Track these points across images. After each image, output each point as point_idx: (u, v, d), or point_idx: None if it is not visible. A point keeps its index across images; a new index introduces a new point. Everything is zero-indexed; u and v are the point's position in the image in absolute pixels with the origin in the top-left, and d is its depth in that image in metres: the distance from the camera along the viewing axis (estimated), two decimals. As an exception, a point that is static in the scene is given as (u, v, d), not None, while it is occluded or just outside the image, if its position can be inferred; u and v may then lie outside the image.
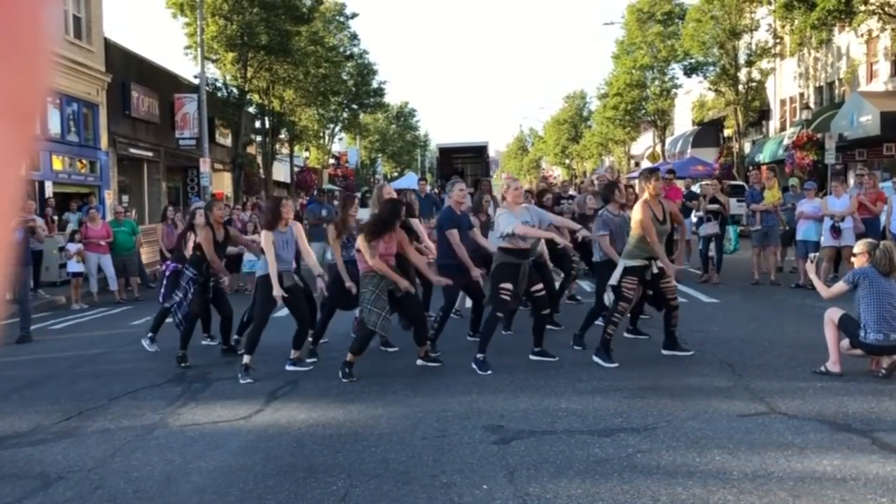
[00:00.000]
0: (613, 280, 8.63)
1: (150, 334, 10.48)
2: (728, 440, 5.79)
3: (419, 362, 8.78)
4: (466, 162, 35.83)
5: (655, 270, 8.63)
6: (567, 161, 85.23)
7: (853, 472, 5.06)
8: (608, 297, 8.91)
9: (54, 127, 24.16)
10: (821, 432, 5.93)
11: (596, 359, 8.37)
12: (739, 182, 31.68)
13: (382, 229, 8.34)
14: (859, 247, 7.90)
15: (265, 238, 8.76)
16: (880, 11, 23.87)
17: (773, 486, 4.89)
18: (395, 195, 10.30)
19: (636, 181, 34.41)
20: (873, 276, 7.54)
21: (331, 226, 10.00)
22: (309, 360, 9.10)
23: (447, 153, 36.69)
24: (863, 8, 23.47)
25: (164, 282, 10.59)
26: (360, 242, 8.35)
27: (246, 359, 8.56)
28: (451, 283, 9.33)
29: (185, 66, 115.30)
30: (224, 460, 5.86)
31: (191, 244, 10.33)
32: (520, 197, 8.85)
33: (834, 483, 4.91)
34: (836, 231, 13.67)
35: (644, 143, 60.03)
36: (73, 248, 16.58)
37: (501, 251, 8.59)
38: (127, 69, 29.00)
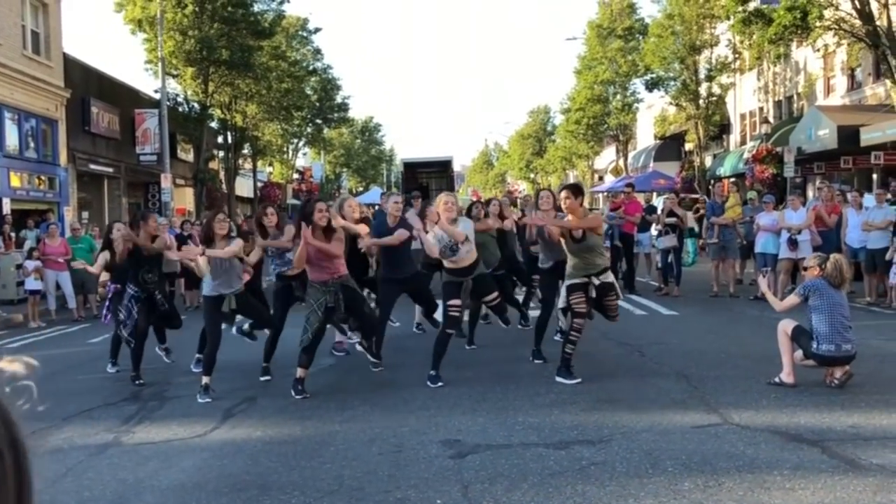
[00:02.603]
0: (562, 303, 8.66)
1: (111, 359, 10.35)
2: (681, 451, 5.83)
3: (358, 348, 8.92)
4: (431, 176, 35.83)
5: (598, 283, 8.61)
6: (532, 175, 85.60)
7: (802, 482, 5.12)
8: (562, 322, 8.93)
9: (12, 143, 23.89)
10: (772, 443, 5.99)
11: (559, 378, 8.33)
12: (701, 195, 32.03)
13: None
14: (810, 260, 8.02)
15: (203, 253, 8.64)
16: (836, 27, 24.25)
17: (724, 496, 4.93)
18: (356, 209, 10.24)
19: (601, 195, 34.71)
20: (824, 287, 7.65)
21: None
22: (262, 378, 9.03)
23: (412, 168, 36.67)
24: (818, 24, 23.82)
25: (108, 303, 10.45)
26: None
27: (205, 379, 8.46)
28: None
29: (145, 82, 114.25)
30: (177, 478, 5.81)
31: (100, 263, 10.33)
32: (452, 212, 8.75)
33: (783, 493, 4.96)
34: (793, 244, 13.85)
35: (607, 157, 60.53)
36: (30, 265, 16.39)
37: (445, 270, 8.75)
38: (86, 84, 28.77)
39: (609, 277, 8.67)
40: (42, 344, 13.83)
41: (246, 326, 9.36)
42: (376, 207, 18.78)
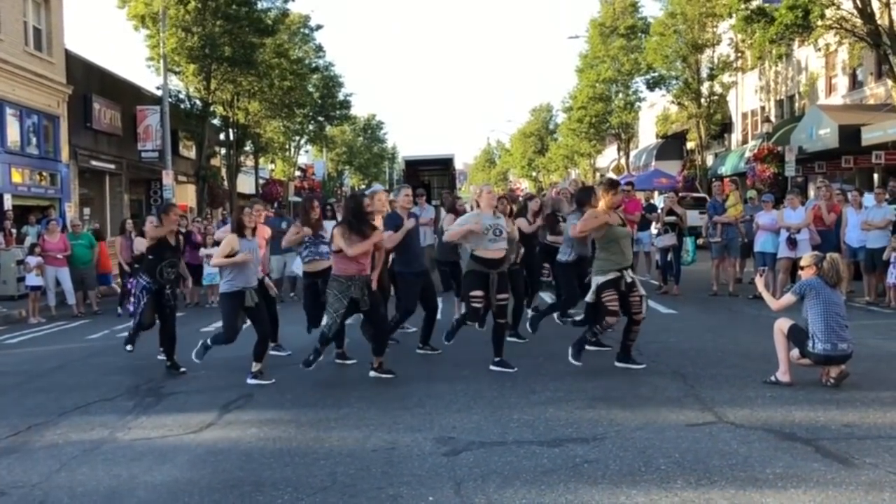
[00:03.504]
0: (589, 298, 8.71)
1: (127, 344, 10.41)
2: (674, 449, 5.84)
3: (372, 374, 8.78)
4: (433, 174, 35.86)
5: (629, 280, 8.67)
6: (534, 173, 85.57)
7: (794, 481, 5.12)
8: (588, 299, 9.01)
9: (14, 139, 23.91)
10: (766, 441, 6.00)
11: (570, 356, 8.68)
12: (702, 194, 32.02)
13: (360, 222, 8.43)
14: (806, 259, 8.02)
15: (228, 240, 8.69)
16: (837, 26, 24.22)
17: (715, 494, 4.94)
18: (386, 203, 10.25)
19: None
20: (819, 286, 7.65)
21: (293, 228, 9.92)
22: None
23: (413, 166, 36.69)
24: (820, 23, 23.79)
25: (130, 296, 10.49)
26: (337, 237, 8.39)
27: (209, 341, 8.86)
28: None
29: (147, 78, 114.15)
30: (171, 474, 5.81)
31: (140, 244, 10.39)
32: (493, 201, 8.95)
33: (774, 491, 4.97)
34: (792, 243, 13.83)
35: (609, 155, 60.48)
36: (32, 261, 16.39)
37: (473, 259, 8.68)
38: (88, 81, 28.77)
39: (632, 273, 8.78)
40: (41, 340, 13.85)
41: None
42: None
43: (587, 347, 8.92)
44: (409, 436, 6.52)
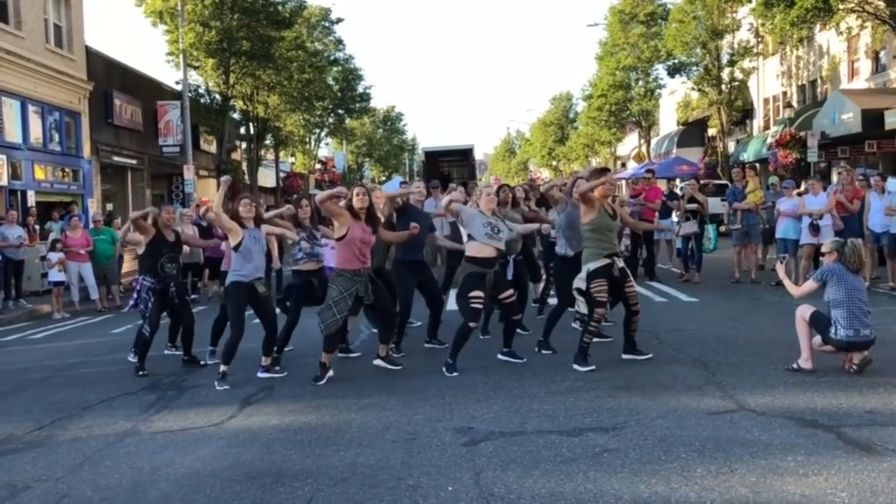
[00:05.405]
0: (580, 284, 8.57)
1: (133, 349, 10.37)
2: (695, 438, 5.81)
3: (376, 362, 8.77)
4: (452, 165, 35.85)
5: (621, 264, 8.60)
6: (554, 163, 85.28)
7: (816, 468, 5.09)
8: (579, 305, 8.81)
9: (36, 136, 24.09)
10: (787, 428, 5.96)
11: (575, 366, 8.34)
12: (724, 181, 31.80)
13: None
14: (827, 246, 7.96)
15: (234, 227, 8.61)
16: (859, 9, 23.96)
17: (736, 482, 4.91)
18: (382, 198, 10.16)
19: (623, 181, 34.67)
20: (841, 272, 7.59)
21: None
22: (276, 374, 8.99)
23: (433, 156, 36.67)
24: (841, 6, 23.55)
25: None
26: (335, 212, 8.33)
27: (223, 367, 8.53)
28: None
29: (167, 74, 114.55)
30: (193, 467, 5.86)
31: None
32: (492, 203, 8.86)
33: (796, 478, 4.94)
34: (814, 229, 13.70)
35: (630, 143, 60.21)
36: (54, 257, 16.54)
37: (467, 260, 8.59)
38: (109, 77, 28.95)
39: (622, 263, 8.68)
40: (65, 335, 13.99)
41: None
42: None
43: (593, 341, 8.75)
44: (428, 426, 6.54)
